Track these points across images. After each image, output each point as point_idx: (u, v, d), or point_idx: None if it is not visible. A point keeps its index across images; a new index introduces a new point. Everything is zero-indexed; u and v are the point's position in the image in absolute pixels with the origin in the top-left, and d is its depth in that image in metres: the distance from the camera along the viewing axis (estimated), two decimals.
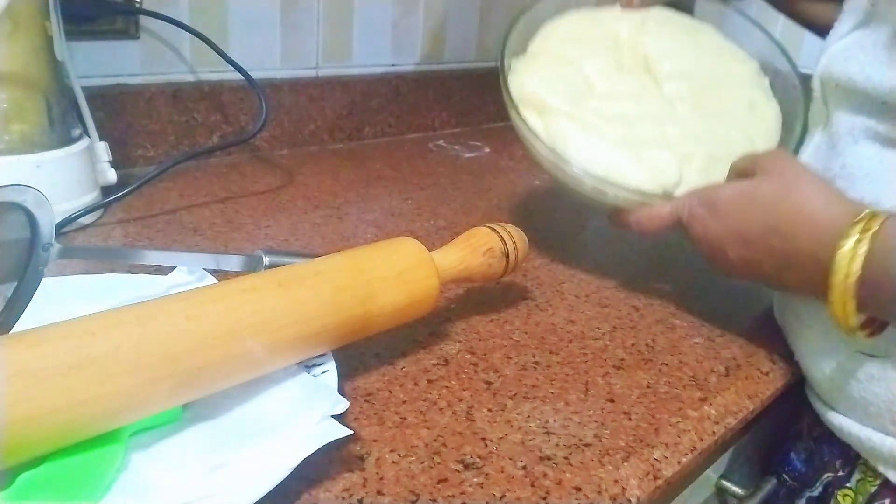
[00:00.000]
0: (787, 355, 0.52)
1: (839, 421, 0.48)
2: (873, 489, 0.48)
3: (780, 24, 0.66)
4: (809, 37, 0.64)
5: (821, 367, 0.48)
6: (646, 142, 0.54)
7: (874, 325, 0.42)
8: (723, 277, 0.50)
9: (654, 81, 0.59)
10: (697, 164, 0.54)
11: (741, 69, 0.62)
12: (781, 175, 0.46)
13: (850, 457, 0.50)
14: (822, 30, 0.61)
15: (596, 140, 0.54)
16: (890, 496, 0.47)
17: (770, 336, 0.53)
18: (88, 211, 0.60)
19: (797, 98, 0.59)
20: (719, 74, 0.61)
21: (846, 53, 0.48)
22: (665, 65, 0.59)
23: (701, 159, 0.55)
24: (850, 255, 0.39)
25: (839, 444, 0.50)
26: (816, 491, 0.53)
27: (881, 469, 0.47)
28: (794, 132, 0.57)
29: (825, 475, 0.52)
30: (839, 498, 0.51)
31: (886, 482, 0.47)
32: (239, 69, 0.75)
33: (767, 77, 0.62)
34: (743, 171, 0.49)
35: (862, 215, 0.40)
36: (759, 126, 0.58)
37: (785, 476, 0.56)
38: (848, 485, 0.50)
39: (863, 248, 0.39)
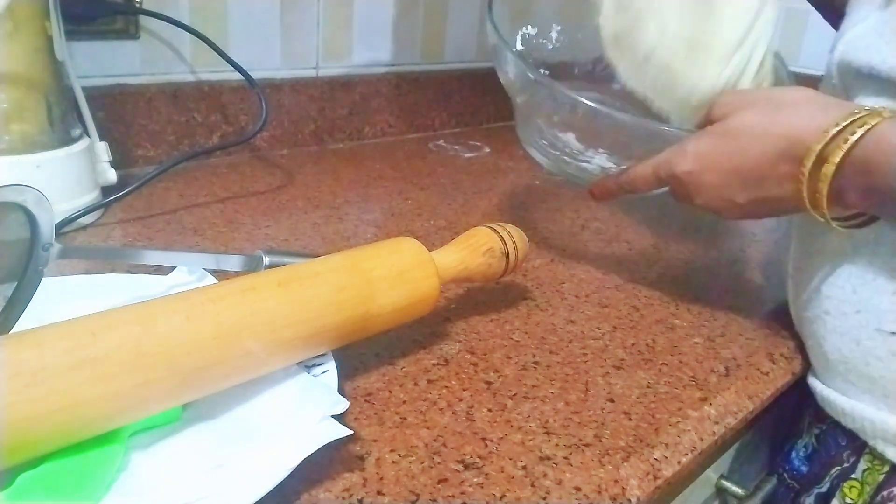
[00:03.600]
0: (787, 355, 0.52)
1: (850, 406, 0.48)
2: (881, 478, 0.47)
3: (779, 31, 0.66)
4: (809, 37, 0.64)
5: (839, 348, 0.48)
6: None
7: (857, 219, 0.43)
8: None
9: None
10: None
11: None
12: (759, 103, 0.44)
13: (856, 447, 0.49)
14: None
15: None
16: None
17: (770, 336, 0.53)
18: (88, 211, 0.60)
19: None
20: None
21: (865, 41, 0.46)
22: None
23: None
24: (836, 142, 0.38)
25: (846, 436, 0.50)
26: (825, 486, 0.52)
27: (890, 455, 0.46)
28: None
29: (833, 469, 0.51)
30: (845, 490, 0.50)
31: (895, 469, 0.46)
32: (239, 69, 0.75)
33: None
34: (707, 120, 0.48)
35: (859, 111, 0.39)
36: None
37: (785, 475, 0.56)
38: (853, 476, 0.50)
39: (853, 136, 0.38)
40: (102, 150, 0.66)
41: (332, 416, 0.34)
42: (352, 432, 0.34)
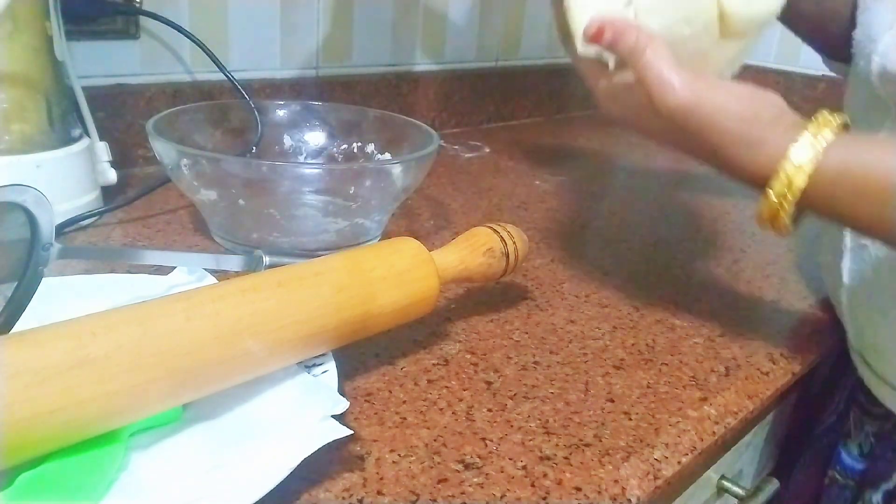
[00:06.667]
0: (787, 355, 0.52)
1: None
2: None
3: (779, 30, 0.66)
4: None
5: None
6: None
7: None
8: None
9: None
10: None
11: None
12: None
13: None
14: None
15: None
16: None
17: (770, 336, 0.53)
18: (89, 216, 0.61)
19: None
20: None
21: None
22: None
23: None
24: (796, 171, 0.37)
25: None
26: (893, 483, 0.53)
27: None
28: None
29: None
30: None
31: None
32: (232, 80, 0.75)
33: None
34: None
35: (813, 122, 0.38)
36: None
37: (837, 475, 0.57)
38: None
39: (810, 167, 0.37)
40: (102, 150, 0.66)
41: (332, 416, 0.34)
42: (352, 432, 0.34)
